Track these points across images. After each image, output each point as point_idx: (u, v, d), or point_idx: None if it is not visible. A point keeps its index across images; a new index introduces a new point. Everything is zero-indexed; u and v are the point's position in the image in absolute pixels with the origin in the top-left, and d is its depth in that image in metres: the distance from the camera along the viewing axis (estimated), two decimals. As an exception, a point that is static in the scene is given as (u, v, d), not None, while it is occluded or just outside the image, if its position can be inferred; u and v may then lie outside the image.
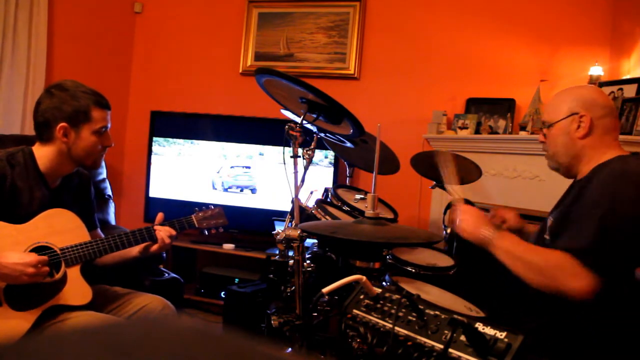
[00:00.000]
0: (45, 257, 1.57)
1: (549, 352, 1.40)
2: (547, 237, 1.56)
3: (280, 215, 2.65)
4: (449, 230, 2.23)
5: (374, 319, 1.21)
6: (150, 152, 3.70)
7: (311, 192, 2.23)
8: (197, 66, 3.96)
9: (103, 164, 3.19)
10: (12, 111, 3.21)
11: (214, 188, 3.62)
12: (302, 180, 1.67)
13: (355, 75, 3.60)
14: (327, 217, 2.02)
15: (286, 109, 1.89)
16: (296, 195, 1.64)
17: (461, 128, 3.24)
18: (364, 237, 1.44)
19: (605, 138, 1.54)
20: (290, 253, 1.64)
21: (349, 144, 2.16)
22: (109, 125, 1.75)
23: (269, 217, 2.83)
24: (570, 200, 1.51)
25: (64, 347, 0.33)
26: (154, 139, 3.69)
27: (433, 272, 1.93)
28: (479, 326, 1.05)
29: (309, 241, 2.02)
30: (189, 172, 3.67)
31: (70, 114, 1.65)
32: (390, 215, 2.37)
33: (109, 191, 3.20)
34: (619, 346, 1.39)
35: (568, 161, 1.59)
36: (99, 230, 1.92)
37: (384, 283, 1.67)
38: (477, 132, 3.21)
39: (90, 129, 1.68)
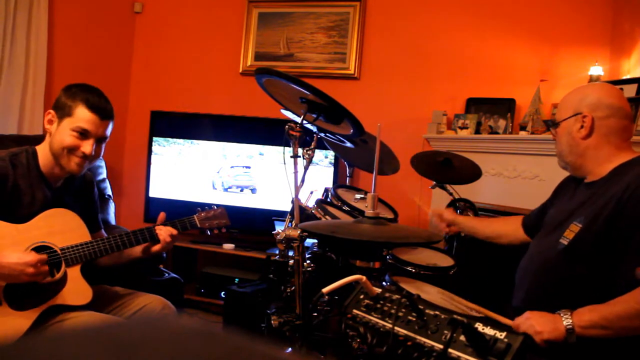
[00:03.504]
0: (44, 256, 1.57)
1: (549, 352, 1.40)
2: (563, 242, 1.49)
3: (280, 215, 2.65)
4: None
5: (374, 319, 1.21)
6: (150, 152, 3.70)
7: (311, 192, 2.23)
8: (197, 66, 3.96)
9: (103, 163, 3.20)
10: (10, 111, 3.22)
11: (214, 188, 3.62)
12: (302, 180, 1.67)
13: (355, 75, 3.60)
14: (327, 217, 2.02)
15: (286, 109, 1.89)
16: (296, 195, 1.64)
17: (461, 128, 3.24)
18: (364, 236, 1.44)
19: (613, 139, 1.51)
20: (290, 253, 1.64)
21: (349, 144, 2.17)
22: (99, 134, 1.67)
23: (269, 217, 2.83)
24: (604, 209, 1.43)
25: (63, 347, 0.33)
26: (154, 139, 3.69)
27: (433, 272, 1.93)
28: (479, 326, 1.05)
29: (309, 241, 2.02)
30: (189, 172, 3.67)
31: (59, 104, 1.67)
32: (390, 215, 2.37)
33: (109, 191, 3.20)
34: (619, 346, 1.39)
35: (574, 160, 1.58)
36: (102, 231, 1.91)
37: (384, 283, 1.67)
38: (477, 132, 3.21)
39: (70, 125, 1.64)
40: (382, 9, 3.57)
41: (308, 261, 1.69)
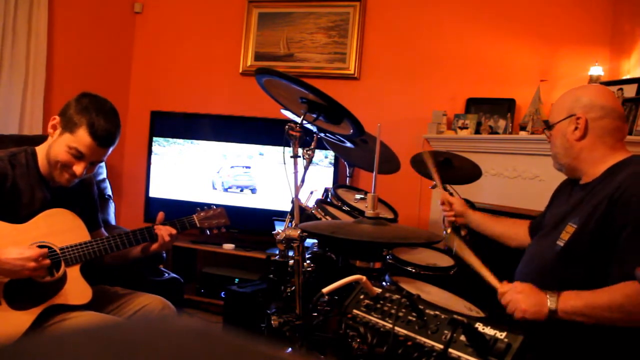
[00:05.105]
0: (45, 250, 1.57)
1: (549, 352, 1.40)
2: (560, 243, 1.49)
3: (280, 215, 2.65)
4: (448, 230, 2.22)
5: (374, 319, 1.21)
6: (150, 152, 3.70)
7: (311, 192, 2.23)
8: (197, 66, 3.95)
9: (103, 163, 3.19)
10: (10, 111, 3.21)
11: (214, 188, 3.62)
12: (302, 180, 1.67)
13: (355, 75, 3.60)
14: (327, 217, 2.02)
15: (286, 109, 1.89)
16: (296, 195, 1.64)
17: (461, 128, 3.24)
18: (364, 237, 1.44)
19: (607, 140, 1.52)
20: (290, 253, 1.64)
21: (349, 144, 2.17)
22: (94, 158, 1.67)
23: (269, 217, 2.83)
24: (597, 209, 1.43)
25: (63, 347, 0.33)
26: (154, 139, 3.69)
27: (433, 272, 1.93)
28: (479, 326, 1.05)
29: (309, 241, 2.02)
30: (189, 172, 3.67)
31: (67, 115, 1.65)
32: (390, 215, 2.37)
33: (109, 191, 3.19)
34: (619, 346, 1.39)
35: (569, 162, 1.59)
36: (102, 230, 1.91)
37: (384, 283, 1.67)
38: (477, 132, 3.21)
39: (68, 141, 1.63)
40: (382, 9, 3.57)
41: (308, 261, 1.69)
